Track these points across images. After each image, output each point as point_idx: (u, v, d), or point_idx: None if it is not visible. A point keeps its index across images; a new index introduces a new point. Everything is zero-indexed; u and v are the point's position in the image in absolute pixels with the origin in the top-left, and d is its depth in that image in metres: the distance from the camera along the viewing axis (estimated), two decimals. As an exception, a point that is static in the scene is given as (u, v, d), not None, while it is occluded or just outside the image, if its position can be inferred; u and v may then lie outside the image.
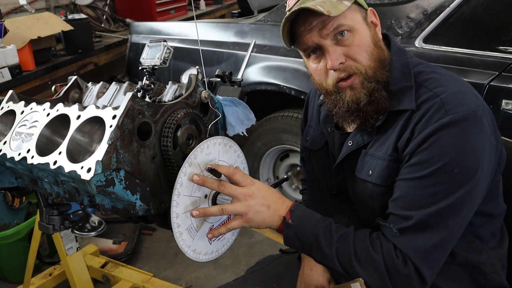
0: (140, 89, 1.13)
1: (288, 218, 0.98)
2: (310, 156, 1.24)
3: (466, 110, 0.89)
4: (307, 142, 1.24)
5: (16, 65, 2.48)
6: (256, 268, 1.31)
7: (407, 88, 0.98)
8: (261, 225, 0.99)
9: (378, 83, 0.98)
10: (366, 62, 0.97)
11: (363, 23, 0.98)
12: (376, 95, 0.98)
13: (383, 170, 0.98)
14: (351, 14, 0.96)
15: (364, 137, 1.03)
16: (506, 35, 1.78)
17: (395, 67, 1.01)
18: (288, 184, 2.54)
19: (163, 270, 2.33)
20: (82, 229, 1.37)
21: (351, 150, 1.05)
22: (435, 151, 0.89)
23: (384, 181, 0.99)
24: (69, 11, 3.62)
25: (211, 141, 0.99)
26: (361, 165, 1.03)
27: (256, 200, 0.96)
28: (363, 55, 0.97)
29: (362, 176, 1.03)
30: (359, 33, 0.97)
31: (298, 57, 2.17)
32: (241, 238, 2.56)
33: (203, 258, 1.02)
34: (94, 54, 3.18)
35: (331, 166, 1.14)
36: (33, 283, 1.99)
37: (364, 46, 0.97)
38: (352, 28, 0.96)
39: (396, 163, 0.97)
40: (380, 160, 0.99)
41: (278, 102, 2.59)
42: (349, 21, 0.96)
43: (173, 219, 0.92)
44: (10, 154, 0.99)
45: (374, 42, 0.99)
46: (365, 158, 1.03)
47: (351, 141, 1.06)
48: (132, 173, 0.90)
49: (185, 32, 2.72)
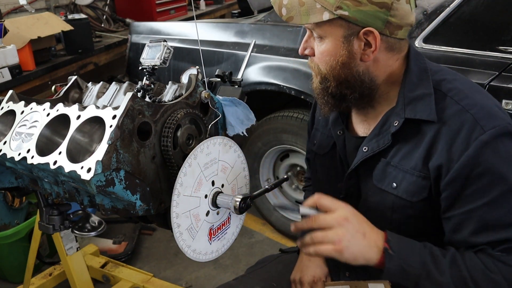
0: (140, 89, 1.13)
1: (389, 249, 0.88)
2: (315, 159, 1.23)
3: (501, 124, 0.88)
4: (314, 145, 1.23)
5: (16, 65, 2.48)
6: (256, 268, 1.31)
7: (426, 96, 0.95)
8: (358, 257, 0.88)
9: (327, 89, 1.00)
10: (324, 71, 0.98)
11: (339, 40, 0.94)
12: (329, 93, 1.00)
13: (410, 185, 0.96)
14: (327, 26, 0.93)
15: (379, 143, 1.00)
16: (506, 35, 1.78)
17: (412, 71, 0.98)
18: (288, 184, 2.54)
19: (163, 270, 2.33)
20: (82, 229, 1.37)
21: (366, 156, 1.02)
22: (492, 171, 0.87)
23: (410, 196, 0.96)
24: (69, 11, 3.62)
25: (211, 141, 0.99)
26: (382, 175, 1.00)
27: (351, 225, 0.88)
28: (323, 65, 0.98)
29: (384, 187, 1.00)
30: (327, 44, 0.95)
31: (298, 57, 2.17)
32: (241, 238, 2.56)
33: (203, 258, 1.02)
34: (94, 54, 3.18)
35: (338, 169, 1.12)
36: (33, 283, 1.99)
37: (326, 58, 0.97)
38: (322, 37, 0.96)
39: (425, 180, 0.94)
40: (407, 174, 0.96)
41: (278, 102, 2.59)
42: (321, 31, 0.95)
43: (173, 219, 0.92)
44: (10, 154, 0.99)
45: (342, 62, 0.95)
46: (387, 169, 0.99)
47: (366, 147, 1.03)
48: (132, 173, 0.90)
49: (185, 32, 2.72)
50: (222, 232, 1.07)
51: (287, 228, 2.52)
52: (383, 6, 0.89)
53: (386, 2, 0.89)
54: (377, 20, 0.91)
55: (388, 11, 0.90)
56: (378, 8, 0.90)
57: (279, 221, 2.55)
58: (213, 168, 1.01)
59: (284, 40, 2.27)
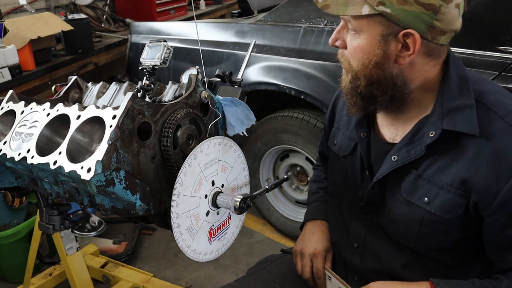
0: (140, 89, 1.13)
1: None
2: (334, 160, 1.19)
3: None
4: (334, 145, 1.18)
5: (16, 65, 2.47)
6: (257, 269, 1.30)
7: (467, 107, 0.89)
8: None
9: (357, 88, 0.95)
10: (356, 68, 0.93)
11: (375, 37, 0.88)
12: (358, 93, 0.95)
13: (446, 202, 0.91)
14: (365, 21, 0.87)
15: (410, 153, 0.95)
16: (506, 35, 1.78)
17: (452, 79, 0.92)
18: (288, 184, 2.54)
19: (163, 270, 2.33)
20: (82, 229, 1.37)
21: (395, 167, 0.97)
22: None
23: (445, 213, 0.92)
24: (69, 11, 3.62)
25: (211, 141, 0.99)
26: (412, 188, 0.96)
27: None
28: (355, 62, 0.93)
29: (414, 200, 0.96)
30: (362, 40, 0.89)
31: (298, 57, 2.17)
32: (241, 238, 2.56)
33: (203, 258, 1.02)
34: (94, 54, 3.18)
35: (358, 173, 1.08)
36: (33, 283, 1.99)
37: (359, 55, 0.91)
38: (357, 31, 0.90)
39: (462, 198, 0.90)
40: (442, 190, 0.91)
41: (278, 102, 2.59)
42: (357, 25, 0.89)
43: (173, 219, 0.92)
44: (10, 154, 0.99)
45: (376, 61, 0.90)
46: (419, 181, 0.95)
47: (396, 156, 0.97)
48: (132, 173, 0.90)
49: (185, 32, 2.72)
50: (222, 232, 1.07)
51: (287, 228, 2.53)
52: (430, 9, 0.83)
53: (434, 5, 0.83)
54: (420, 23, 0.84)
55: (435, 14, 0.84)
56: (424, 10, 0.83)
57: (279, 221, 2.56)
58: (213, 168, 1.01)
59: (284, 40, 2.27)
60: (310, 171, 2.40)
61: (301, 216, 2.51)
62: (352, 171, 1.11)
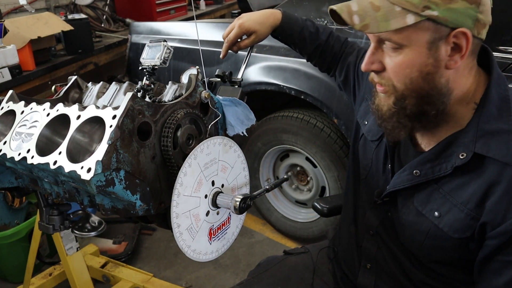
0: (140, 89, 1.13)
1: None
2: (362, 142, 1.13)
3: None
4: (365, 125, 1.11)
5: (16, 65, 2.48)
6: (260, 271, 1.28)
7: (503, 132, 0.83)
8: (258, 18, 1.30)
9: (404, 109, 0.87)
10: (401, 87, 0.85)
11: (423, 46, 0.81)
12: (407, 114, 0.88)
13: (457, 221, 0.87)
14: (410, 32, 0.80)
15: (434, 170, 0.90)
16: (506, 35, 1.77)
17: (492, 99, 0.85)
18: (288, 184, 2.54)
19: (163, 270, 2.33)
20: (82, 229, 1.37)
21: (416, 182, 0.92)
22: None
23: (452, 231, 0.88)
24: (69, 11, 3.62)
25: (211, 141, 0.99)
26: (426, 199, 0.92)
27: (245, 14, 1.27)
28: (400, 80, 0.85)
29: (424, 212, 0.92)
30: (407, 54, 0.82)
31: (298, 57, 2.17)
32: (241, 238, 2.56)
33: (203, 258, 1.02)
34: (94, 54, 3.18)
35: (381, 164, 1.04)
36: (33, 283, 1.99)
37: (406, 71, 0.84)
38: (400, 45, 0.82)
39: (473, 221, 0.85)
40: (455, 208, 0.87)
41: (278, 102, 2.59)
42: (401, 39, 0.81)
43: (173, 219, 0.92)
44: (10, 154, 0.99)
45: (427, 72, 0.82)
46: (434, 194, 0.91)
47: (418, 171, 0.92)
48: (132, 173, 0.90)
49: (185, 32, 2.72)
50: (222, 232, 1.07)
51: (287, 228, 2.53)
52: (473, 2, 0.78)
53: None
54: (467, 19, 0.79)
55: (477, 7, 0.79)
56: (469, 4, 0.78)
57: (279, 221, 2.56)
58: (213, 168, 1.01)
59: (284, 40, 2.27)
60: (310, 171, 2.40)
61: (301, 216, 2.51)
62: (376, 160, 1.07)
